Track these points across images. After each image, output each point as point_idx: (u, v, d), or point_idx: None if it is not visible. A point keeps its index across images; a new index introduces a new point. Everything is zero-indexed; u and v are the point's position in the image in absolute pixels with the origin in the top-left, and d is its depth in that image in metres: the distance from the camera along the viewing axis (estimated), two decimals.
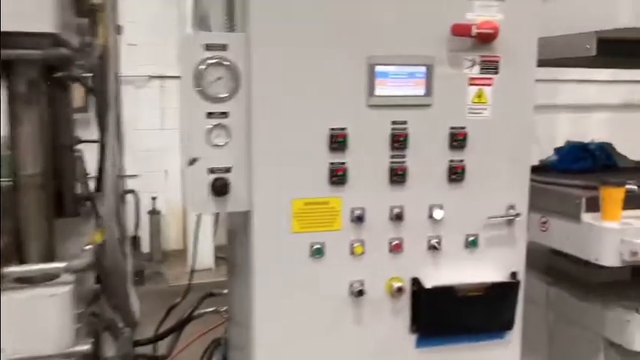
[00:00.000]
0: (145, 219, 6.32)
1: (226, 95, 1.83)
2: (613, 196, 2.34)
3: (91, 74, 2.17)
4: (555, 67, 3.10)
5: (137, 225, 3.27)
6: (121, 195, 2.91)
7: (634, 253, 2.28)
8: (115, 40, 2.01)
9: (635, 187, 2.43)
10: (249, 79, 1.82)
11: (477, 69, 1.98)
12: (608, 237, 2.33)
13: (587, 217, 2.45)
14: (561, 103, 7.60)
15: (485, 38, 1.93)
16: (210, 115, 1.83)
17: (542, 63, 2.11)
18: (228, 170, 1.86)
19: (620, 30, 2.36)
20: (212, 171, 1.85)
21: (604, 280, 2.78)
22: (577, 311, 2.74)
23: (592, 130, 7.51)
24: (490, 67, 1.99)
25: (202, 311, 2.93)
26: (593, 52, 2.41)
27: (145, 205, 6.26)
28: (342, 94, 1.89)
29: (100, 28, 1.96)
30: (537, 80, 2.05)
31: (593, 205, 2.44)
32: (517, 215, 2.05)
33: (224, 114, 1.83)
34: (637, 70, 4.18)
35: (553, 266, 3.01)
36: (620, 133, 6.79)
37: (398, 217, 1.96)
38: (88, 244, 1.92)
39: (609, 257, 2.34)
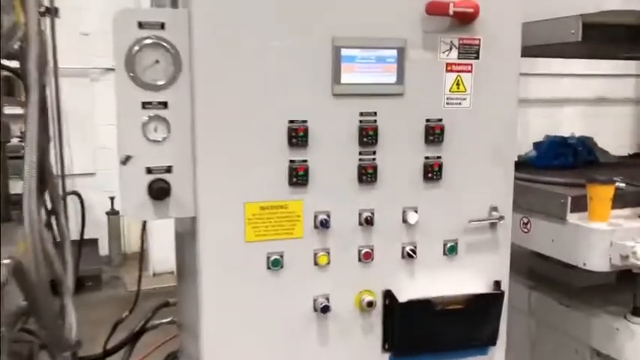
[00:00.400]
0: (103, 220, 5.96)
1: (164, 82, 1.57)
2: (602, 194, 2.15)
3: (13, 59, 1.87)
4: (538, 56, 2.89)
5: (83, 229, 2.97)
6: (63, 196, 2.63)
7: (624, 257, 2.09)
8: (37, 21, 1.71)
9: (624, 185, 2.24)
10: (192, 64, 1.57)
11: (454, 53, 1.76)
12: (597, 239, 2.14)
13: (573, 217, 2.25)
14: (533, 97, 7.49)
15: (464, 18, 1.72)
16: (145, 105, 1.56)
17: (524, 51, 1.89)
18: (168, 170, 1.60)
19: (607, 13, 2.16)
20: (149, 171, 1.58)
21: (589, 283, 2.60)
22: (561, 318, 2.56)
23: (564, 124, 7.42)
24: (469, 51, 1.77)
25: (157, 322, 2.66)
26: (579, 38, 2.21)
27: (103, 206, 5.90)
28: (303, 81, 1.64)
29: (15, 4, 1.66)
30: None
31: (580, 205, 2.24)
32: (501, 218, 1.84)
33: (162, 104, 1.57)
34: (620, 60, 4.02)
35: (534, 269, 2.82)
36: (592, 127, 6.72)
37: (368, 222, 1.73)
38: (8, 257, 1.63)
39: (598, 261, 2.15)
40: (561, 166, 2.88)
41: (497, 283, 1.88)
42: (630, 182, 2.31)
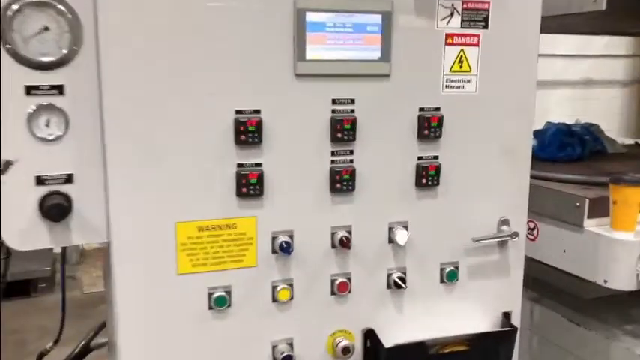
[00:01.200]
0: None
1: (58, 58, 1.13)
2: (629, 198, 1.77)
3: None
4: (549, 32, 2.49)
5: None
6: None
7: None
8: None
9: None
10: (97, 31, 1.13)
11: (457, 21, 1.36)
12: (622, 252, 1.79)
13: (590, 224, 1.89)
14: None
15: None
16: (31, 90, 1.12)
17: None
18: (68, 180, 1.17)
19: None
20: (41, 181, 1.15)
21: (599, 294, 2.24)
22: (570, 337, 2.21)
23: (552, 108, 7.11)
24: (476, 18, 1.38)
25: (103, 341, 2.26)
26: (602, 7, 1.82)
27: None
28: (254, 57, 1.23)
29: None
30: None
31: (598, 209, 1.88)
32: (514, 235, 1.45)
33: (56, 89, 1.14)
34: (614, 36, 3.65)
35: (536, 276, 2.45)
36: (579, 111, 6.39)
37: (343, 244, 1.34)
38: None
39: (623, 279, 1.80)
40: (568, 159, 2.51)
41: (506, 316, 1.50)
42: None
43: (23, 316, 4.35)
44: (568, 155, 2.57)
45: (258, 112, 1.23)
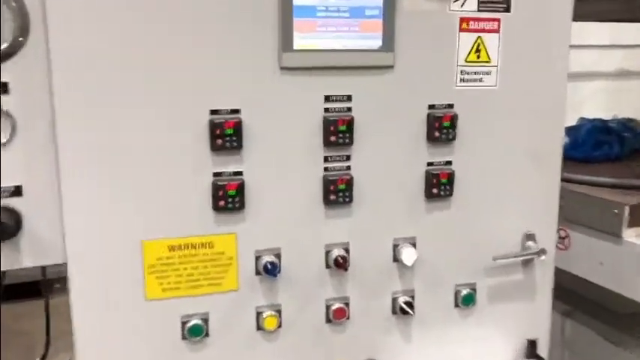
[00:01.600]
0: None
1: (1, 51, 0.97)
2: None
3: None
4: (584, 20, 2.27)
5: None
6: None
7: None
8: None
9: None
10: (47, 19, 0.97)
11: (473, 2, 1.16)
12: None
13: (630, 234, 1.69)
14: None
15: None
16: None
17: None
18: (16, 192, 1.02)
19: None
20: None
21: (638, 308, 2.03)
22: (604, 357, 2.00)
23: (585, 101, 6.80)
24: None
25: None
26: None
27: None
28: (232, 47, 1.06)
29: None
30: None
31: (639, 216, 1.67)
32: (540, 253, 1.25)
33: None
34: None
35: (568, 288, 2.25)
36: (612, 104, 6.08)
37: (339, 264, 1.16)
38: None
39: None
40: (604, 159, 2.30)
41: (532, 345, 1.30)
42: None
43: (35, 319, 4.30)
44: (605, 154, 2.36)
45: (237, 112, 1.06)
